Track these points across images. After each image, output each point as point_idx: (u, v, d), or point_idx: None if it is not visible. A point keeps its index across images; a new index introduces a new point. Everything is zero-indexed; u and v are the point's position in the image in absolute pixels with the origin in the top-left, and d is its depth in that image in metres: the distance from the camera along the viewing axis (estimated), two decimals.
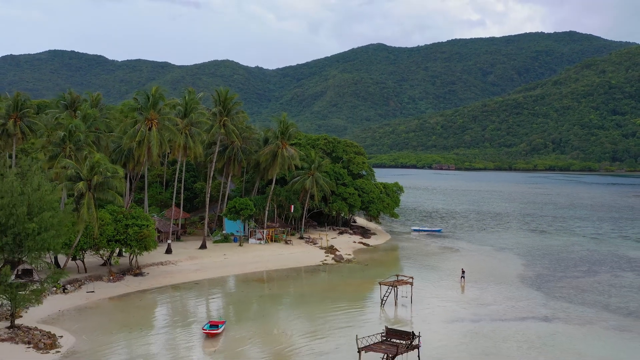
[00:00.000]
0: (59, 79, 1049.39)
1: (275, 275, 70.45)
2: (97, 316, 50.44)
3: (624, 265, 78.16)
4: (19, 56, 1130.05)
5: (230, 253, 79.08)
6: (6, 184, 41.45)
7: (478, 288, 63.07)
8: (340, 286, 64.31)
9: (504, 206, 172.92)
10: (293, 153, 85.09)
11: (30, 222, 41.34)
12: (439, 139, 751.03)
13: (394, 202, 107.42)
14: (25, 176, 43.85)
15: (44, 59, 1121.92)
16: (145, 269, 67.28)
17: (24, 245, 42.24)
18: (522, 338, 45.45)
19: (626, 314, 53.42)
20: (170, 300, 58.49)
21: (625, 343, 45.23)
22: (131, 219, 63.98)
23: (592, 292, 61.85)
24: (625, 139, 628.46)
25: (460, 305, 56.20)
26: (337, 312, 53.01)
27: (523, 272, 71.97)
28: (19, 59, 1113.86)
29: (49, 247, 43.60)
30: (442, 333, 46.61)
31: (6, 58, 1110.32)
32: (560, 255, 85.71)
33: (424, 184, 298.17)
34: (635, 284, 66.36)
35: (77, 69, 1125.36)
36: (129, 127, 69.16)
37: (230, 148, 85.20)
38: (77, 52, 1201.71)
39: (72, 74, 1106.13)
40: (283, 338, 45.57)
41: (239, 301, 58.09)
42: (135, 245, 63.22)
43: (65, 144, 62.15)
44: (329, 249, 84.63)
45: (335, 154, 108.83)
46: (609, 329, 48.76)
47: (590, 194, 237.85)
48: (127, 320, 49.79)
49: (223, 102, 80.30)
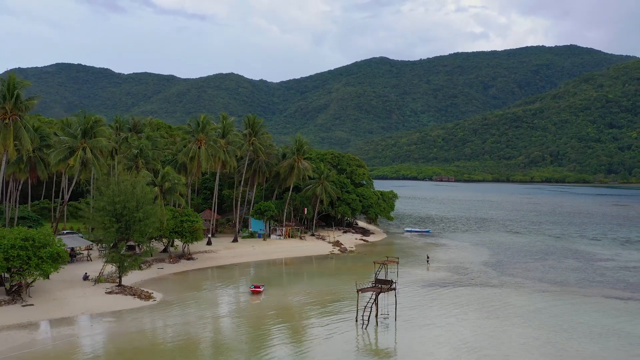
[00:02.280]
0: (67, 92, 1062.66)
1: (294, 261, 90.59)
2: (170, 283, 70.51)
3: (569, 255, 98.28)
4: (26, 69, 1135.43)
5: (257, 245, 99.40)
6: (122, 186, 61.88)
7: (448, 268, 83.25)
8: (344, 267, 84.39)
9: (491, 213, 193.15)
10: (307, 166, 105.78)
11: (137, 212, 61.72)
12: (440, 152, 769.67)
13: (389, 207, 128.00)
14: (132, 181, 64.12)
15: (52, 72, 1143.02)
16: (194, 255, 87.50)
17: (132, 228, 62.54)
18: (473, 297, 65.41)
19: (553, 283, 73.38)
20: (220, 274, 78.63)
21: (543, 298, 65.05)
22: (185, 216, 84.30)
23: (535, 271, 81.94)
24: (621, 152, 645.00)
25: (430, 276, 76.31)
26: (344, 280, 73.00)
27: (487, 259, 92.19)
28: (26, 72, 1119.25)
29: (147, 230, 63.91)
30: (417, 292, 66.70)
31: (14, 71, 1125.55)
32: (522, 249, 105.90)
33: (422, 194, 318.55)
34: (571, 266, 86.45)
35: (84, 82, 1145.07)
36: (181, 146, 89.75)
37: (256, 162, 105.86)
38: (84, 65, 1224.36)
39: (80, 87, 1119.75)
40: (307, 294, 65.61)
41: (270, 275, 78.20)
42: (189, 236, 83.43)
43: (137, 158, 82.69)
44: (336, 243, 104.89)
45: (340, 166, 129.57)
46: (537, 291, 68.61)
47: (574, 203, 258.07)
48: (193, 285, 69.96)
49: (252, 125, 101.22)
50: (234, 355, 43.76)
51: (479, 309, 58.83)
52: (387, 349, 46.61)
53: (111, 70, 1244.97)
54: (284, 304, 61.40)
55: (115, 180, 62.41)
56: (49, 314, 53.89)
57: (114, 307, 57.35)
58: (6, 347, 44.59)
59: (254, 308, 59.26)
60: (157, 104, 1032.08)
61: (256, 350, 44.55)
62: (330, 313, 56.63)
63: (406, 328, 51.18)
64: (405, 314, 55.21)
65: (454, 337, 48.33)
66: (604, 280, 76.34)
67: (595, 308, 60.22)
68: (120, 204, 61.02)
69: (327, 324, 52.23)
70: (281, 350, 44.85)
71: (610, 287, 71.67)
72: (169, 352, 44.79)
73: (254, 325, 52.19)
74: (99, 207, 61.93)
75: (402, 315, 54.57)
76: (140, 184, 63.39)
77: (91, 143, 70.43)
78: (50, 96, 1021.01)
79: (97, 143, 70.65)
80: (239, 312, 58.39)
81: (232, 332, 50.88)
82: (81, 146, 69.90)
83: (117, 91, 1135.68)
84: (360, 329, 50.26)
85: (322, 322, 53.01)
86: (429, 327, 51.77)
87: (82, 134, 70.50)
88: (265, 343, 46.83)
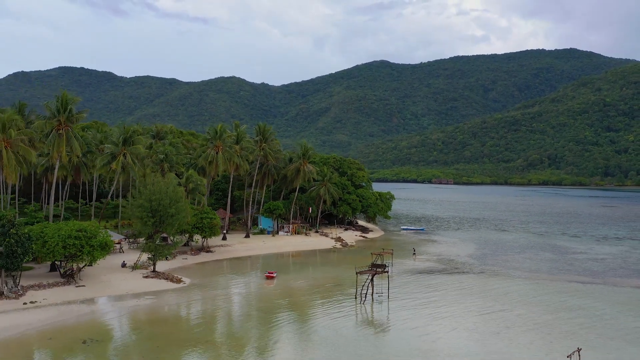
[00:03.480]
0: (69, 95, 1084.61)
1: (300, 254, 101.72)
2: (194, 271, 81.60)
3: (547, 249, 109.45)
4: (30, 73, 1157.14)
5: (267, 240, 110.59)
6: (157, 187, 73.17)
7: (436, 259, 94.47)
8: (345, 259, 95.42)
9: (484, 213, 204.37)
10: (311, 169, 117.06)
11: (170, 208, 72.98)
12: (440, 155, 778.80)
13: (386, 207, 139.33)
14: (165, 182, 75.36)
15: (55, 75, 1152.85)
16: (212, 248, 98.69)
17: (165, 222, 73.79)
18: (454, 281, 76.53)
19: (527, 271, 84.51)
20: (236, 264, 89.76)
21: (514, 282, 76.15)
22: (204, 213, 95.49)
23: (513, 262, 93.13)
24: (617, 155, 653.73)
25: (420, 266, 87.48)
26: (344, 269, 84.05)
27: (472, 253, 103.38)
28: (30, 75, 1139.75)
29: (179, 224, 75.12)
30: (407, 277, 77.86)
31: (17, 75, 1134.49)
32: (506, 244, 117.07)
33: (420, 196, 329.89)
34: (546, 258, 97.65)
35: (87, 85, 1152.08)
36: (201, 151, 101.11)
37: (266, 165, 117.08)
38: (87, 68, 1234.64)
39: (82, 90, 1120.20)
40: (313, 279, 76.80)
41: (280, 265, 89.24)
42: (208, 232, 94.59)
43: (163, 162, 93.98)
44: (337, 239, 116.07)
45: (341, 169, 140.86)
46: (511, 277, 79.65)
47: (565, 204, 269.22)
48: (215, 272, 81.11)
49: (262, 132, 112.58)
50: (254, 321, 55.02)
51: (458, 290, 70.06)
52: (380, 320, 57.58)
53: (113, 74, 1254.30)
54: (293, 286, 72.57)
55: (151, 181, 73.64)
56: (100, 293, 65.22)
57: (152, 288, 68.55)
58: (73, 316, 55.86)
59: (268, 289, 70.48)
60: (159, 107, 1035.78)
61: (270, 319, 55.69)
62: (333, 293, 67.87)
63: (396, 304, 62.32)
64: (396, 293, 66.46)
65: (434, 311, 59.47)
66: (572, 269, 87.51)
67: (557, 289, 71.35)
68: (155, 202, 72.34)
69: (330, 301, 63.47)
70: (291, 320, 56.03)
71: (575, 274, 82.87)
72: (204, 319, 56.12)
73: (268, 301, 63.48)
74: (137, 204, 73.27)
75: (393, 293, 65.83)
76: (172, 185, 74.65)
77: (130, 150, 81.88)
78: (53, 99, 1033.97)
79: (135, 150, 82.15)
80: (256, 291, 69.59)
81: (251, 306, 62.12)
82: (122, 152, 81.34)
83: (120, 94, 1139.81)
84: (359, 304, 61.41)
85: (326, 300, 64.25)
86: (415, 303, 62.94)
87: (123, 142, 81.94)
88: (278, 314, 58.00)
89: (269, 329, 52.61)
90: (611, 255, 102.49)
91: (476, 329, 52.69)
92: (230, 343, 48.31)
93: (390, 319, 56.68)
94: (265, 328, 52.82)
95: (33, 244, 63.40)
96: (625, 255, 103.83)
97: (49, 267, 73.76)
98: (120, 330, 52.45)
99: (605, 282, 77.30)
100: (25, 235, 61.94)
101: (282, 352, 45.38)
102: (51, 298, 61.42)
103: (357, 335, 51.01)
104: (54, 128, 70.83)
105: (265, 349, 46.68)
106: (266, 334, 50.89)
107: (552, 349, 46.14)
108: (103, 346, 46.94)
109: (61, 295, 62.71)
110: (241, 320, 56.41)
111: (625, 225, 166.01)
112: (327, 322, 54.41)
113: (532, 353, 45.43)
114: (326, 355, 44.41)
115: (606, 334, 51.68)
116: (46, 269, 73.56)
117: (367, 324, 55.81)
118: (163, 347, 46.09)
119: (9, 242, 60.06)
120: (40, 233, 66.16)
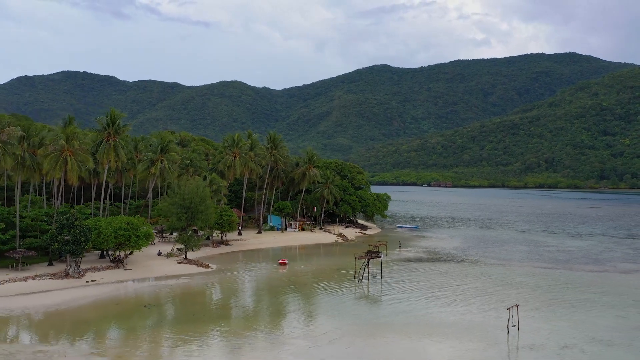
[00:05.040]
0: (73, 99, 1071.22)
1: (307, 247, 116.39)
2: (218, 259, 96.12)
3: (524, 243, 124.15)
4: (33, 77, 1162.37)
5: (277, 236, 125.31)
6: (189, 187, 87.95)
7: (424, 251, 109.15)
8: (346, 251, 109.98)
9: (475, 214, 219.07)
10: (316, 172, 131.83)
11: (200, 205, 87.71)
12: (439, 158, 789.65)
13: (383, 206, 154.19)
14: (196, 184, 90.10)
15: (58, 79, 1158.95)
16: (230, 242, 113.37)
17: (196, 217, 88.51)
18: (437, 267, 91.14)
19: (501, 259, 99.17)
20: (252, 254, 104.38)
21: (489, 267, 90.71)
22: (224, 211, 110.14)
23: (491, 253, 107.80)
24: (613, 158, 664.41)
25: (409, 255, 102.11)
26: (345, 259, 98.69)
27: (457, 246, 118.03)
28: (33, 79, 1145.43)
29: (206, 219, 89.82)
30: (397, 263, 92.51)
31: (21, 79, 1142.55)
32: (489, 239, 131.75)
33: (417, 198, 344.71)
34: (520, 250, 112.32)
35: (90, 90, 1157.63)
36: (220, 157, 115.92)
37: (276, 169, 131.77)
38: (90, 72, 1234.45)
39: (85, 94, 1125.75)
40: (318, 266, 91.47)
41: (290, 255, 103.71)
42: (227, 227, 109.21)
43: (188, 167, 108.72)
44: (339, 235, 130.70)
45: (343, 172, 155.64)
46: (487, 264, 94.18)
47: (554, 206, 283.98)
48: (236, 260, 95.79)
49: (273, 140, 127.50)
50: (272, 294, 69.85)
51: (438, 273, 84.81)
52: (374, 293, 72.02)
53: (116, 78, 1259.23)
54: (302, 271, 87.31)
55: (184, 183, 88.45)
56: (145, 274, 79.92)
57: (186, 271, 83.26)
58: (129, 290, 70.86)
59: (281, 273, 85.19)
60: (162, 111, 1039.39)
61: (285, 292, 70.44)
62: (336, 275, 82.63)
63: (387, 282, 76.94)
64: (387, 275, 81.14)
65: (421, 287, 74.12)
66: (540, 258, 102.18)
67: (523, 273, 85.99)
68: (188, 200, 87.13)
69: (333, 280, 78.16)
70: (302, 293, 70.73)
71: (542, 262, 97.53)
72: (231, 293, 70.97)
73: (283, 280, 78.21)
74: (173, 202, 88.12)
75: (385, 275, 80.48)
76: (201, 186, 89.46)
77: (166, 157, 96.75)
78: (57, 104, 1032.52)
79: (171, 157, 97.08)
80: (271, 275, 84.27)
81: (268, 284, 76.87)
82: (159, 159, 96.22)
83: (122, 99, 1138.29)
84: (357, 282, 76.03)
85: (329, 281, 78.95)
86: (401, 282, 77.61)
87: (160, 150, 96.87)
88: (290, 289, 72.72)
89: (284, 299, 67.40)
90: (578, 248, 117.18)
91: (444, 296, 67.75)
92: (254, 309, 63.23)
93: (382, 292, 71.26)
94: (282, 298, 67.60)
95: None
96: (591, 248, 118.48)
97: (98, 255, 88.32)
98: (168, 300, 67.08)
99: (564, 267, 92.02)
100: (87, 227, 76.75)
101: (296, 314, 60.22)
102: (106, 278, 76.20)
103: (355, 303, 65.71)
104: (104, 139, 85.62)
105: (282, 311, 61.51)
106: (282, 302, 65.71)
107: (496, 306, 61.07)
108: (159, 309, 61.76)
109: (114, 276, 77.48)
110: (261, 294, 71.19)
111: (601, 223, 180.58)
112: (331, 295, 69.15)
113: (477, 307, 60.80)
114: (331, 315, 59.04)
115: (548, 301, 66.36)
116: (96, 257, 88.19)
117: (363, 296, 70.37)
118: (199, 312, 60.57)
119: (75, 233, 74.94)
120: (95, 225, 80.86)
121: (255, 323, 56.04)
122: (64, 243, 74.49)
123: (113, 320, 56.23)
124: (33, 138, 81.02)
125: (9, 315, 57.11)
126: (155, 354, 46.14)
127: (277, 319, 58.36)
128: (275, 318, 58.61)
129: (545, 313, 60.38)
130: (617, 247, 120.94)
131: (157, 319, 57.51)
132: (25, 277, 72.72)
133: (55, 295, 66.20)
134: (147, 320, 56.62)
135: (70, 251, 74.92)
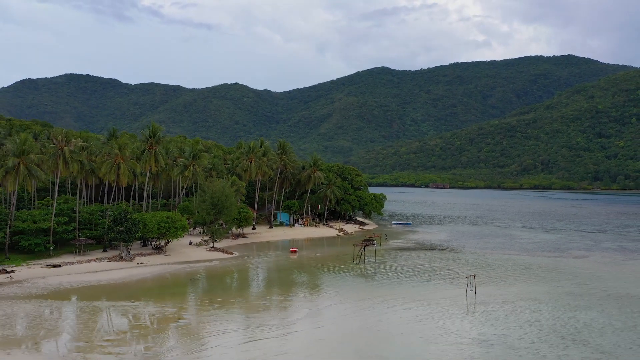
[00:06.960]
0: (76, 102, 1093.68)
1: (312, 239, 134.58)
2: (238, 248, 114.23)
3: (501, 236, 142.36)
4: (36, 80, 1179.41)
5: (286, 230, 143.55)
6: (217, 187, 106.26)
7: (413, 243, 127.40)
8: (346, 242, 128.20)
9: (465, 212, 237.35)
10: (320, 175, 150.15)
11: (226, 202, 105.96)
12: (438, 160, 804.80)
13: (380, 205, 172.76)
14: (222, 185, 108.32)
15: (61, 82, 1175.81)
16: (246, 235, 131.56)
17: (222, 213, 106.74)
18: (422, 254, 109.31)
19: (477, 249, 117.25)
20: (267, 245, 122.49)
21: (465, 254, 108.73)
22: (242, 208, 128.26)
23: (470, 244, 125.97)
24: (607, 160, 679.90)
25: (398, 245, 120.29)
26: (345, 248, 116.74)
27: (442, 238, 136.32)
28: (37, 82, 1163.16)
29: (231, 215, 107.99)
30: (389, 251, 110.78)
31: (25, 82, 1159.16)
32: (472, 233, 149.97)
33: (415, 198, 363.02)
34: (497, 242, 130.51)
35: (93, 92, 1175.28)
36: (238, 162, 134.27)
37: (285, 172, 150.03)
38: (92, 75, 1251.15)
39: (88, 97, 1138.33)
40: (323, 254, 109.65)
41: (298, 246, 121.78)
42: (244, 222, 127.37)
43: (211, 170, 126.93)
44: (340, 230, 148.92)
45: (343, 175, 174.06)
46: (465, 252, 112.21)
47: (542, 205, 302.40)
48: (253, 249, 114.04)
49: (282, 147, 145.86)
50: (286, 273, 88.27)
51: (422, 258, 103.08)
52: (369, 273, 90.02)
53: (119, 81, 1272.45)
54: (310, 258, 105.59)
55: (212, 184, 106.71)
56: (182, 259, 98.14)
57: (215, 257, 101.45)
58: (173, 269, 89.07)
59: (293, 259, 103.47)
60: (164, 113, 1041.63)
61: (297, 272, 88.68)
62: (338, 260, 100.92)
63: (381, 265, 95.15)
64: (380, 259, 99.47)
65: (407, 268, 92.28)
66: (511, 247, 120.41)
67: (494, 259, 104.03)
68: (215, 198, 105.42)
69: (335, 265, 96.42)
70: (310, 273, 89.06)
71: (512, 250, 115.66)
72: (253, 273, 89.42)
73: (294, 264, 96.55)
74: (203, 200, 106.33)
75: (378, 259, 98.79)
76: (226, 186, 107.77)
77: (197, 162, 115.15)
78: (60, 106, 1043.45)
79: (201, 162, 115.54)
80: (285, 260, 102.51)
81: (283, 267, 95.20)
82: (191, 164, 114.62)
83: (125, 101, 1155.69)
84: (355, 265, 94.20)
85: (332, 264, 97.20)
86: (392, 264, 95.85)
87: (192, 157, 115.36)
88: (300, 271, 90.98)
89: (297, 276, 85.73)
90: (547, 240, 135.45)
91: (423, 273, 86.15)
92: (273, 282, 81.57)
93: (376, 272, 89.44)
94: (295, 276, 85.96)
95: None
96: (558, 240, 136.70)
97: (141, 244, 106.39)
98: (206, 276, 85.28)
99: (528, 254, 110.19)
100: (136, 219, 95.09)
101: (305, 287, 78.53)
102: (152, 261, 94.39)
103: (354, 280, 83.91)
104: (146, 148, 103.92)
105: (293, 285, 79.80)
106: (295, 278, 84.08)
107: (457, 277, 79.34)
108: (202, 281, 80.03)
109: (158, 260, 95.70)
110: (278, 272, 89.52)
111: (578, 220, 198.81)
112: (334, 274, 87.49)
113: (448, 280, 79.41)
114: (333, 288, 77.26)
115: (504, 276, 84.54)
116: (139, 245, 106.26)
117: (361, 275, 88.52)
118: (231, 284, 78.96)
119: (127, 224, 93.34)
120: (142, 219, 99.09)
121: (275, 291, 74.27)
122: (118, 232, 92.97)
123: (168, 289, 74.44)
124: (91, 147, 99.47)
125: (88, 284, 75.24)
126: (206, 308, 64.31)
127: (292, 288, 76.61)
128: (291, 287, 76.83)
129: (499, 284, 78.64)
130: (581, 239, 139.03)
131: (202, 287, 75.78)
132: (89, 260, 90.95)
133: (115, 273, 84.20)
134: (196, 288, 74.87)
135: (123, 239, 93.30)
